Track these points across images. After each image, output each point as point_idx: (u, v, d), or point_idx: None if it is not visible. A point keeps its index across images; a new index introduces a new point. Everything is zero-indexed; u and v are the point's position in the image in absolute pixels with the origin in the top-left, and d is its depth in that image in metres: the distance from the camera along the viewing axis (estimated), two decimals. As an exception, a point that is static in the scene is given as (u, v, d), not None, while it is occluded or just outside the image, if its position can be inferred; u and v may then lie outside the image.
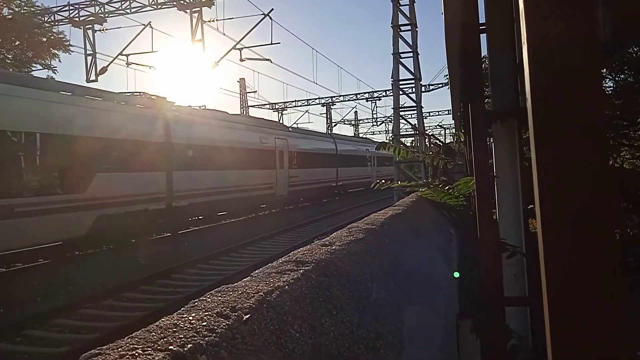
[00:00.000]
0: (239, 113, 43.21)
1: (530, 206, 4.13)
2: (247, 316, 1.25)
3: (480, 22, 3.72)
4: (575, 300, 0.82)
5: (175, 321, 1.14)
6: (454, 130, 28.84)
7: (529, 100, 0.88)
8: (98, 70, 22.46)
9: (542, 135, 0.85)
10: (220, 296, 1.39)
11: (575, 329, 0.83)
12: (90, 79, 22.41)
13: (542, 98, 0.85)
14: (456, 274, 4.01)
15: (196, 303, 1.31)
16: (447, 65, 6.33)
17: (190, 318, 1.17)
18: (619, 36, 2.60)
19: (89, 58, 22.56)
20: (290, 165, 24.39)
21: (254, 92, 44.36)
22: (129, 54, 22.81)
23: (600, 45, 2.49)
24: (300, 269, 1.78)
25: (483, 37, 4.05)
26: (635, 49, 13.27)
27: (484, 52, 4.37)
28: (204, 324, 1.14)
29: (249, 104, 46.18)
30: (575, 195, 0.83)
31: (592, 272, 0.82)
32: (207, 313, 1.22)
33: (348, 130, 60.03)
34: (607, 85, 15.11)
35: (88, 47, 22.47)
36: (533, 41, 0.87)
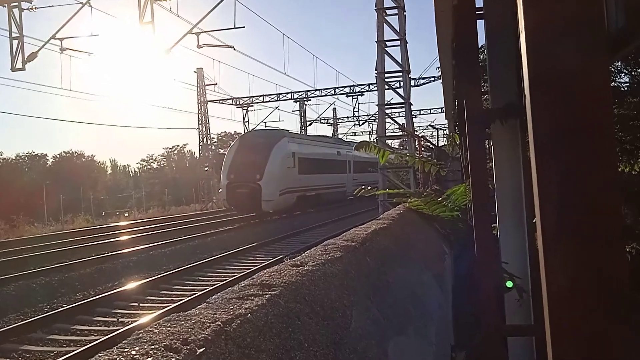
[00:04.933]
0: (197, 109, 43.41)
1: (535, 220, 4.17)
2: (201, 350, 1.24)
3: (477, 5, 3.78)
4: (579, 325, 0.85)
5: (115, 356, 1.13)
6: (447, 132, 29.25)
7: (527, 97, 0.90)
8: (26, 56, 22.06)
9: (542, 136, 0.88)
10: (169, 326, 1.38)
11: (580, 358, 0.85)
12: (17, 66, 21.98)
13: (540, 95, 0.88)
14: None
15: (141, 334, 1.30)
16: (438, 57, 6.41)
17: (134, 352, 1.16)
18: (633, 24, 2.67)
19: (15, 42, 22.15)
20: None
21: (213, 84, 43.90)
22: (64, 38, 22.50)
23: (610, 34, 2.56)
24: (266, 294, 1.78)
25: (480, 23, 4.11)
26: (654, 39, 13.61)
27: (482, 40, 4.43)
28: (150, 359, 1.14)
29: (207, 99, 45.92)
30: (579, 204, 0.86)
31: (597, 292, 0.84)
32: (153, 347, 1.21)
33: (326, 130, 60.21)
34: (621, 80, 15.45)
35: (14, 28, 22.08)
36: (531, 29, 0.89)
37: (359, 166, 40.97)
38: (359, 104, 52.71)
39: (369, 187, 8.10)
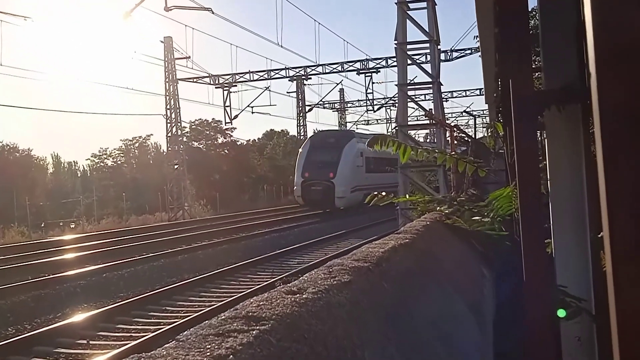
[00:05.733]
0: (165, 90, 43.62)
1: (602, 234, 4.12)
2: (170, 401, 1.24)
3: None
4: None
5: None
6: (488, 120, 29.34)
7: (593, 76, 0.90)
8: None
9: (611, 126, 0.88)
10: (129, 371, 1.38)
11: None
12: None
13: (610, 73, 0.88)
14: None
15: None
16: (477, 23, 6.42)
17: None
18: None
19: None
20: None
21: (186, 57, 43.99)
22: (-7, -2, 22.59)
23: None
24: (254, 330, 1.78)
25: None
26: None
27: (533, 2, 4.42)
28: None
29: (177, 77, 45.91)
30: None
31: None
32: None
33: (330, 118, 60.34)
34: None
35: None
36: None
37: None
38: (373, 83, 52.47)
39: (384, 193, 8.11)
